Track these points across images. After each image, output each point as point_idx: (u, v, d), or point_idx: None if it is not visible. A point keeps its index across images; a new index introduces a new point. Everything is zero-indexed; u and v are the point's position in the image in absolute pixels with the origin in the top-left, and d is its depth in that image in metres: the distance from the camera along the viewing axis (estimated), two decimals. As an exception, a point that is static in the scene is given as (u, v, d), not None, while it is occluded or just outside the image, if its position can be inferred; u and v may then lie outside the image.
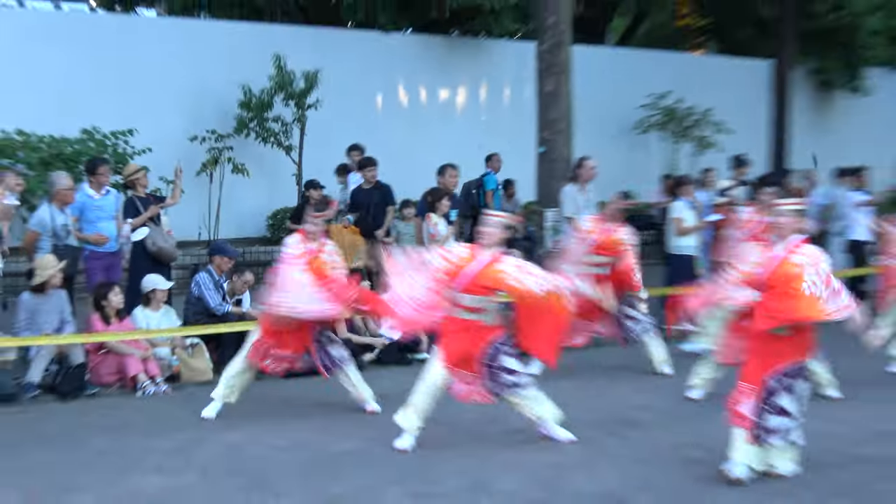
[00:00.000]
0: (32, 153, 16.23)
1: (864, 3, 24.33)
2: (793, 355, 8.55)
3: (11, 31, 19.45)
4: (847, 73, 25.51)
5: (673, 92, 22.93)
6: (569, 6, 17.68)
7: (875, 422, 10.44)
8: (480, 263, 9.52)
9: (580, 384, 12.71)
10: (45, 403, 11.99)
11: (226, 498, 8.48)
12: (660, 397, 11.72)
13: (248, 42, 19.58)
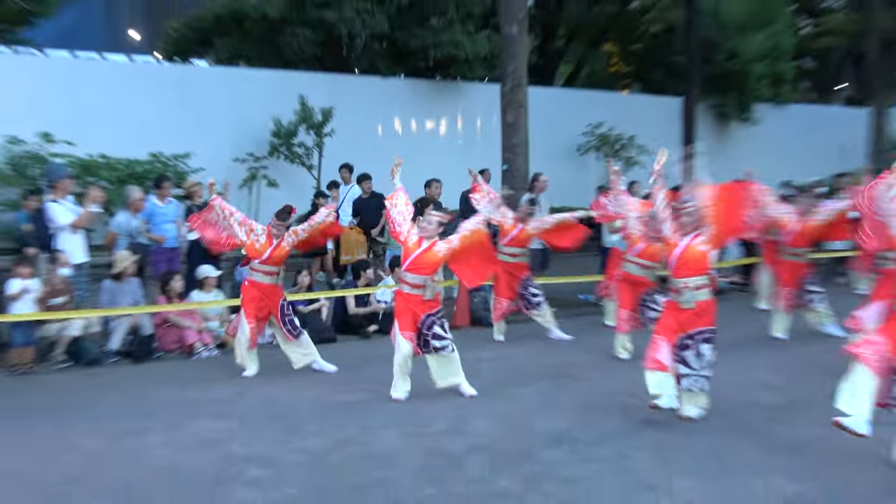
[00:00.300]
0: (112, 172, 16.22)
1: (752, 53, 24.33)
2: (699, 324, 8.68)
3: (97, 78, 19.41)
4: (739, 107, 25.52)
5: (606, 122, 22.94)
6: (525, 56, 17.64)
7: (762, 373, 10.45)
8: (421, 249, 9.82)
9: (529, 348, 12.75)
10: (122, 366, 12.01)
11: (265, 437, 8.49)
12: (594, 357, 11.70)
13: (278, 85, 19.54)
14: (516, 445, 8.22)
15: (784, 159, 25.66)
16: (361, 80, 21.69)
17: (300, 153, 18.77)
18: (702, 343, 8.67)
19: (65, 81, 18.50)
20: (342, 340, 13.41)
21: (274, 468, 7.65)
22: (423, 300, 9.87)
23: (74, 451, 8.10)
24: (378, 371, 10.14)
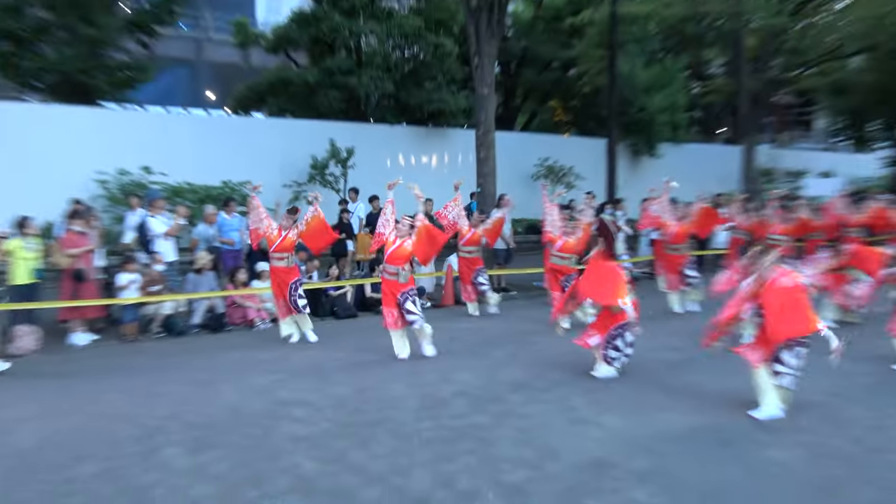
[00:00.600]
0: (194, 195, 16.21)
1: (656, 107, 24.38)
2: (623, 318, 8.63)
3: (183, 126, 19.39)
4: (648, 146, 25.54)
5: (551, 157, 22.96)
6: (493, 110, 17.65)
7: (666, 339, 10.46)
8: (395, 246, 9.98)
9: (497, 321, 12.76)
10: (202, 336, 11.95)
11: (306, 385, 8.51)
12: (544, 328, 11.67)
13: (314, 131, 19.48)
14: (488, 391, 8.24)
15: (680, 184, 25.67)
16: (374, 128, 21.64)
17: (330, 180, 18.74)
18: (626, 332, 8.78)
19: (159, 129, 18.46)
20: (361, 317, 13.41)
21: (311, 408, 7.65)
22: (399, 283, 9.86)
23: (169, 397, 8.13)
24: (387, 340, 10.12)
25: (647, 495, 5.43)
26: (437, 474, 5.85)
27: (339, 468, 6.01)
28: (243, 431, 6.96)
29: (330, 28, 21.62)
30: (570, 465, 6.03)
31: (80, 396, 8.28)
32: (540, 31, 24.93)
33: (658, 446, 6.44)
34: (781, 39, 25.30)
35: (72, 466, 6.11)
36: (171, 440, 6.73)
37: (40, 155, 15.80)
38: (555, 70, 26.42)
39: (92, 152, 16.19)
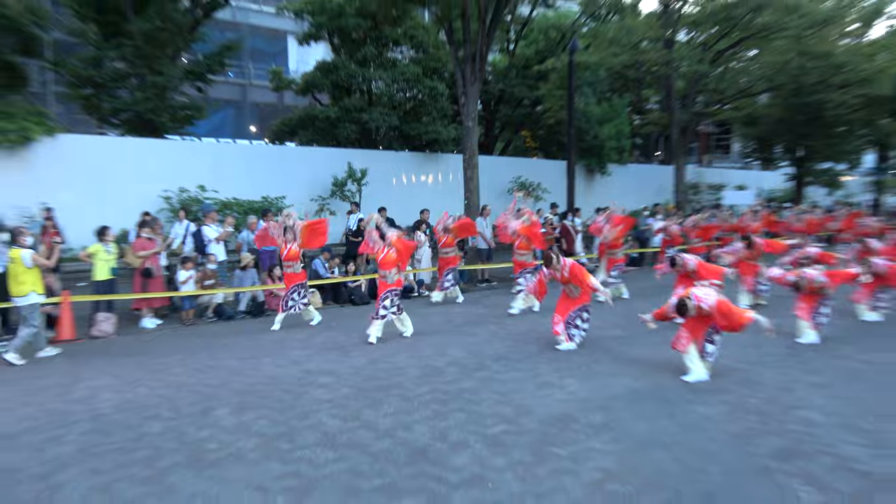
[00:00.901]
0: (239, 208, 16.11)
1: (606, 135, 24.37)
2: (579, 302, 8.78)
3: (231, 153, 19.31)
4: (599, 166, 25.50)
5: (523, 175, 22.95)
6: (476, 138, 17.62)
7: (614, 318, 10.45)
8: (384, 253, 9.70)
9: (481, 306, 12.72)
10: (247, 320, 11.88)
11: (329, 358, 8.46)
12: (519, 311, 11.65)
13: (335, 157, 19.41)
14: (474, 362, 8.20)
15: (624, 196, 25.68)
16: (383, 154, 21.56)
17: (348, 195, 18.64)
18: (583, 312, 8.88)
19: (212, 156, 18.38)
20: (372, 304, 13.33)
21: (334, 377, 7.60)
22: (387, 283, 9.66)
23: (219, 369, 8.07)
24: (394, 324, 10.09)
25: (601, 443, 5.40)
26: (434, 429, 5.82)
27: (355, 425, 5.97)
28: (279, 396, 6.91)
29: (347, 75, 21.62)
30: (540, 420, 6.00)
31: (148, 369, 8.23)
32: (513, 76, 24.88)
33: (609, 404, 6.42)
34: (703, 81, 25.33)
35: (141, 426, 6.06)
36: (221, 404, 6.69)
37: (117, 177, 15.73)
38: (525, 107, 26.39)
39: (158, 175, 16.12)
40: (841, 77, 24.65)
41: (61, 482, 4.83)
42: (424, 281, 14.79)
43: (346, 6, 20.94)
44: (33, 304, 8.95)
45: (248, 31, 29.05)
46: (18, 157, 14.67)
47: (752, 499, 4.39)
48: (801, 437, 5.51)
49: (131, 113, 18.29)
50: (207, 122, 24.34)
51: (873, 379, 7.26)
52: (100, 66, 18.58)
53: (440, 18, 18.22)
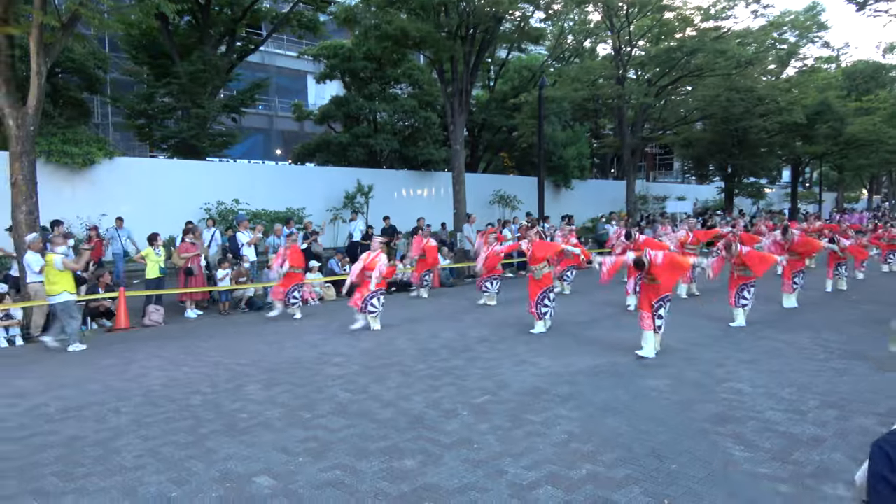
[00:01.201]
0: (266, 217, 15.99)
1: (569, 156, 24.39)
2: (546, 284, 8.67)
3: (261, 172, 19.24)
4: (564, 181, 25.51)
5: (501, 189, 22.91)
6: (462, 159, 17.68)
7: (580, 308, 10.39)
8: (369, 259, 9.52)
9: (467, 298, 12.66)
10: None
11: (342, 341, 8.40)
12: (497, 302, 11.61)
13: (346, 175, 19.29)
14: (462, 344, 8.16)
15: (585, 206, 25.68)
16: (386, 172, 21.48)
17: (357, 206, 18.58)
18: (550, 293, 8.78)
19: (245, 174, 18.28)
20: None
21: (345, 357, 7.55)
22: (369, 282, 9.24)
23: (250, 351, 8.00)
24: (395, 311, 10.03)
25: (567, 410, 5.37)
26: (429, 400, 5.77)
27: (364, 397, 5.91)
28: (300, 374, 6.84)
29: (356, 107, 21.57)
30: (516, 392, 5.96)
31: (191, 352, 8.15)
32: (493, 108, 24.85)
33: (574, 378, 6.38)
34: (649, 111, 25.40)
35: (185, 398, 5.99)
36: (252, 380, 6.62)
37: (166, 193, 15.61)
38: (503, 133, 26.36)
39: (200, 191, 16.00)
40: (762, 108, 24.81)
41: (118, 447, 4.76)
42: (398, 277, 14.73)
43: (356, 51, 20.92)
44: (65, 302, 8.60)
45: (274, 72, 28.94)
46: (83, 176, 14.56)
47: (692, 455, 4.36)
48: (732, 404, 5.48)
49: (177, 139, 18.19)
50: (241, 146, 24.21)
51: (791, 356, 7.25)
52: (151, 101, 18.52)
53: (433, 61, 18.21)
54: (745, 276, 8.97)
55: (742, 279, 9.01)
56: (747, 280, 9.01)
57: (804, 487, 3.86)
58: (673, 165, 44.95)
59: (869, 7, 19.11)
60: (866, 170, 38.26)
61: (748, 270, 8.89)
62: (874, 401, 5.52)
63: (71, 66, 16.11)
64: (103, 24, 11.22)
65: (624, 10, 21.19)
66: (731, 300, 9.14)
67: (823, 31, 26.61)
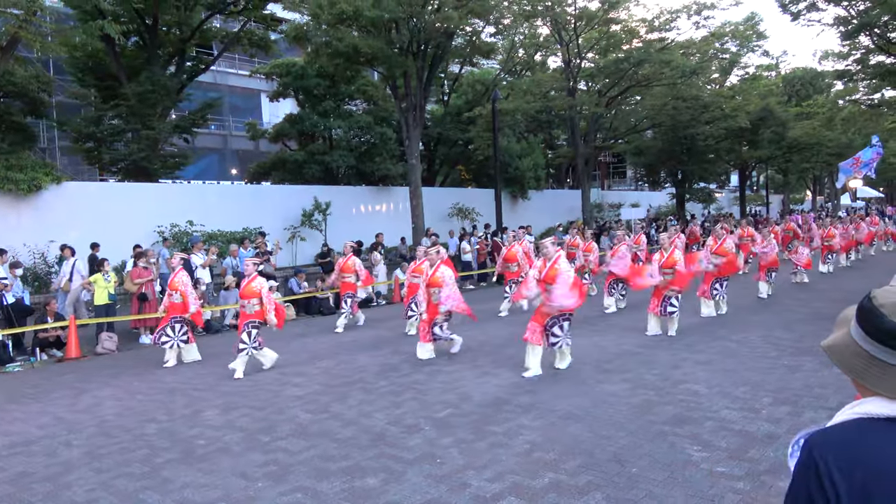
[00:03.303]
0: (222, 238, 15.67)
1: (525, 167, 24.64)
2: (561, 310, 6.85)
3: (215, 193, 18.89)
4: (521, 192, 25.71)
5: (460, 202, 22.92)
6: (419, 173, 17.75)
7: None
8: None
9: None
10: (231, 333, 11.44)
11: (301, 360, 8.26)
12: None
13: (303, 193, 19.04)
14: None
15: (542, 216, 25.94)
16: (343, 189, 21.28)
17: (315, 223, 18.38)
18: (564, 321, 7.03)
19: (198, 195, 17.92)
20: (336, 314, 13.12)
21: (305, 377, 7.44)
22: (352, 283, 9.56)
23: (208, 375, 7.79)
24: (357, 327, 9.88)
25: (530, 420, 5.38)
26: (391, 416, 5.71)
27: (325, 416, 5.82)
28: (259, 395, 6.71)
29: (311, 125, 21.44)
30: (479, 404, 5.94)
31: (145, 379, 7.92)
32: (448, 122, 24.97)
33: (535, 388, 6.41)
34: (601, 121, 25.89)
35: (140, 427, 5.80)
36: (209, 405, 6.46)
37: (117, 217, 15.17)
38: (459, 146, 26.49)
39: (152, 213, 15.61)
40: (708, 115, 25.55)
41: (70, 482, 4.58)
42: (382, 291, 14.64)
43: (308, 69, 20.81)
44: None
45: (226, 91, 28.55)
46: (29, 203, 14.07)
47: (652, 458, 4.41)
48: (690, 405, 5.57)
49: (128, 162, 17.79)
50: (194, 167, 23.80)
51: (744, 355, 7.43)
52: (99, 123, 18.10)
53: (386, 77, 18.24)
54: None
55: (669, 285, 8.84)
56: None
57: (760, 483, 3.93)
58: (626, 173, 45.84)
59: (802, 17, 19.95)
60: (809, 172, 39.64)
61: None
62: (824, 395, 5.68)
63: (13, 90, 15.61)
64: (46, 47, 10.97)
65: (572, 23, 21.59)
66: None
67: (763, 40, 27.53)
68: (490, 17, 17.92)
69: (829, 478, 1.04)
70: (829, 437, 1.10)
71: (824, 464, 1.05)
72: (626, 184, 46.17)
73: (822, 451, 1.07)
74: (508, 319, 10.97)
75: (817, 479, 1.05)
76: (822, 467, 1.05)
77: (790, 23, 21.10)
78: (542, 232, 24.58)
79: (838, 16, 19.50)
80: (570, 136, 27.11)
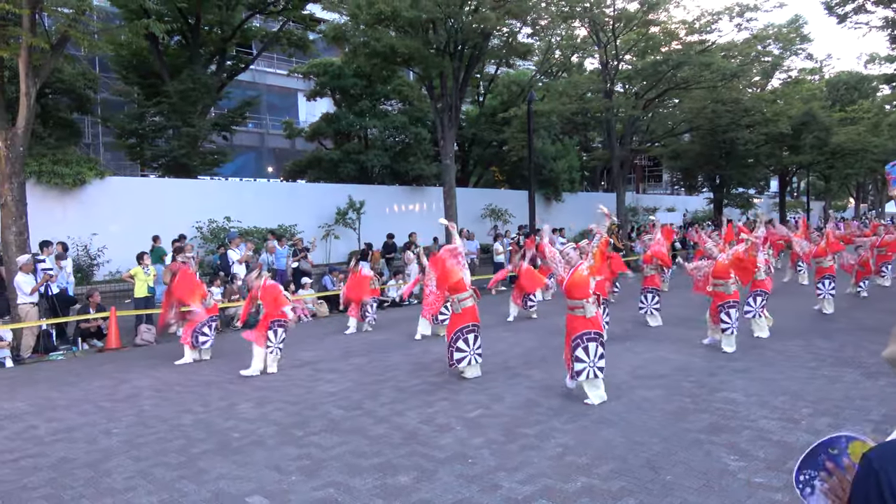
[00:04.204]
0: (258, 234, 15.91)
1: (560, 169, 24.52)
2: (585, 328, 5.84)
3: (252, 190, 19.18)
4: (555, 194, 25.59)
5: (492, 203, 22.95)
6: (453, 174, 17.67)
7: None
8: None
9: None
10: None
11: (335, 356, 8.32)
12: (492, 316, 11.57)
13: (338, 191, 19.24)
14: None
15: (576, 219, 25.73)
16: (378, 188, 21.42)
17: (349, 222, 18.54)
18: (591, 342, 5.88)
19: (236, 192, 18.22)
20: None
21: (338, 373, 7.50)
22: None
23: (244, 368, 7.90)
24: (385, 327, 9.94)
25: (562, 423, 5.33)
26: (422, 415, 5.72)
27: (357, 413, 5.86)
28: (292, 391, 6.79)
29: (347, 124, 21.64)
30: (510, 406, 5.92)
31: (183, 370, 8.08)
32: (483, 123, 24.96)
33: (567, 391, 6.34)
34: (637, 124, 25.53)
35: (177, 418, 5.92)
36: (244, 398, 6.56)
37: (157, 212, 15.52)
38: (493, 147, 26.45)
39: (191, 209, 15.93)
40: (748, 119, 25.02)
41: (109, 469, 4.69)
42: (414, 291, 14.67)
43: (345, 69, 21.00)
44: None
45: (264, 90, 28.96)
46: (74, 196, 14.48)
47: (687, 466, 4.34)
48: (727, 414, 5.47)
49: (168, 158, 18.18)
50: (231, 164, 24.20)
51: (783, 364, 7.26)
52: (142, 120, 18.53)
53: (422, 77, 18.29)
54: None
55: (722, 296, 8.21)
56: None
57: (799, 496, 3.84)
58: (662, 177, 45.24)
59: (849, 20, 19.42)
60: (852, 179, 38.61)
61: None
62: (866, 408, 5.52)
63: (61, 87, 16.07)
64: (93, 45, 11.23)
65: (610, 25, 21.37)
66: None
67: (807, 43, 26.85)
68: (527, 17, 17.82)
69: (889, 489, 1.01)
70: (889, 450, 1.07)
71: (885, 475, 1.03)
72: (661, 187, 45.57)
73: (882, 463, 1.05)
74: (539, 323, 10.92)
75: (877, 490, 1.02)
76: (882, 479, 1.03)
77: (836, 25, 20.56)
78: (576, 235, 24.45)
79: (887, 18, 18.94)
80: (605, 138, 26.84)
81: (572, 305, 5.99)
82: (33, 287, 9.32)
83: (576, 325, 5.92)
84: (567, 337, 6.05)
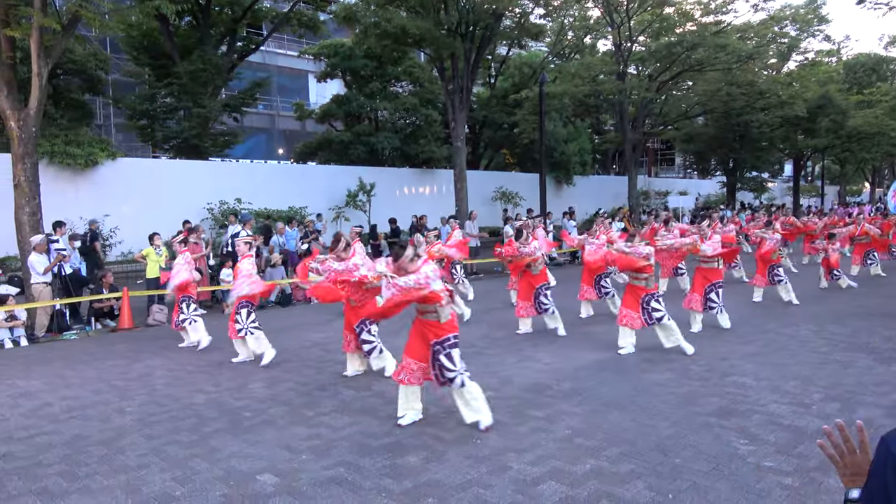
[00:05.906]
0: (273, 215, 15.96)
1: (571, 152, 24.42)
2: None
3: (263, 172, 19.22)
4: (566, 177, 25.51)
5: (503, 186, 22.94)
6: (464, 156, 17.67)
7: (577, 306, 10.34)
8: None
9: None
10: (276, 309, 11.74)
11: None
12: (499, 300, 11.56)
13: (348, 173, 19.30)
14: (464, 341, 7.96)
15: (587, 202, 25.62)
16: (388, 170, 21.45)
17: (360, 204, 18.58)
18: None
19: (247, 174, 18.30)
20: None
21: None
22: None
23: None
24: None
25: (570, 406, 5.34)
26: (432, 396, 5.74)
27: (367, 394, 5.90)
28: (303, 371, 6.84)
29: (357, 106, 21.60)
30: (520, 388, 5.94)
31: (194, 351, 8.15)
32: (494, 105, 24.86)
33: (577, 374, 6.36)
34: (650, 107, 25.32)
35: (189, 397, 5.98)
36: (254, 378, 6.61)
37: (168, 193, 15.63)
38: (504, 129, 26.33)
39: (202, 190, 16.02)
40: (763, 102, 24.74)
41: (123, 447, 4.75)
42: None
43: (356, 50, 20.92)
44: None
45: (275, 71, 28.95)
46: (86, 177, 14.58)
47: (696, 449, 4.34)
48: (737, 398, 5.45)
49: (179, 140, 18.23)
50: (242, 146, 24.26)
51: (794, 348, 7.22)
52: (153, 101, 18.57)
53: (433, 59, 18.18)
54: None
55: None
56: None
57: (809, 480, 3.83)
58: (674, 160, 44.89)
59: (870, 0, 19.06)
60: (868, 163, 38.15)
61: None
62: (879, 393, 5.49)
63: (72, 68, 16.13)
64: (104, 26, 11.21)
65: (624, 5, 21.12)
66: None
67: (824, 24, 26.37)
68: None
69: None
70: None
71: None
72: (673, 171, 45.22)
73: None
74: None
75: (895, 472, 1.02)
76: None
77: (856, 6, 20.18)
78: (587, 218, 24.36)
79: (908, -2, 18.59)
80: (618, 121, 26.66)
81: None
82: (46, 267, 9.41)
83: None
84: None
